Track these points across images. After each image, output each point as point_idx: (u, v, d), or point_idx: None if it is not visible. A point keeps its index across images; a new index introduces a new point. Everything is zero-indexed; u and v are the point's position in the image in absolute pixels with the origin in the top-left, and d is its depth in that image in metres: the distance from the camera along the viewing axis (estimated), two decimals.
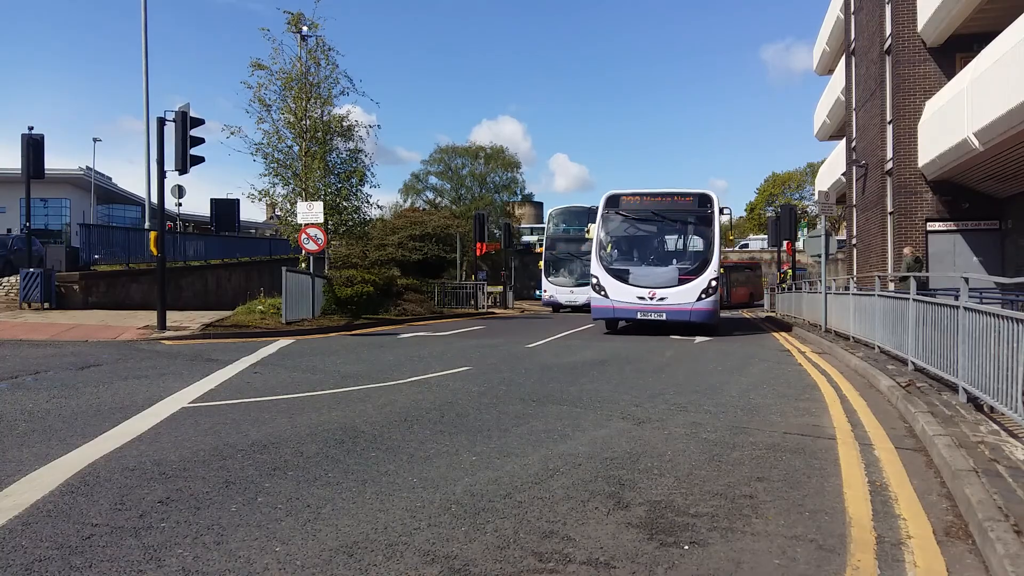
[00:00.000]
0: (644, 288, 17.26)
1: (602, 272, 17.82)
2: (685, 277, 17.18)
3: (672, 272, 17.43)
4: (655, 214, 18.27)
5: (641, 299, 17.24)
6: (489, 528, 3.95)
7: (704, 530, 3.96)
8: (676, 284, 17.15)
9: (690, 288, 17.03)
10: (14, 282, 19.18)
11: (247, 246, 32.62)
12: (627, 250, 18.56)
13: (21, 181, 19.97)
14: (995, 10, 16.07)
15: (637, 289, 17.33)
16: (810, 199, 68.97)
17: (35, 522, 3.97)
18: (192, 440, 5.87)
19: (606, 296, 17.67)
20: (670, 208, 18.25)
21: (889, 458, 5.60)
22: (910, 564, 3.56)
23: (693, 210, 18.14)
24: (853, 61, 25.30)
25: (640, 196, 18.46)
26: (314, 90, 21.66)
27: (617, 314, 17.83)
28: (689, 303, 16.98)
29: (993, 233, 18.64)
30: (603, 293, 17.72)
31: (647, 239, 18.61)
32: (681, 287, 17.10)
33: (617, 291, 17.56)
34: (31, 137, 19.30)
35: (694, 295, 16.99)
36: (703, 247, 18.00)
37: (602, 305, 17.84)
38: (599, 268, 17.88)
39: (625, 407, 7.62)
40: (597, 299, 17.89)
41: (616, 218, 18.45)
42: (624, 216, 18.42)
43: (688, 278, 17.14)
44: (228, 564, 3.44)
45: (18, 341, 13.09)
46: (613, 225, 18.43)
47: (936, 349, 8.24)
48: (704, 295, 16.98)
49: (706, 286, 17.01)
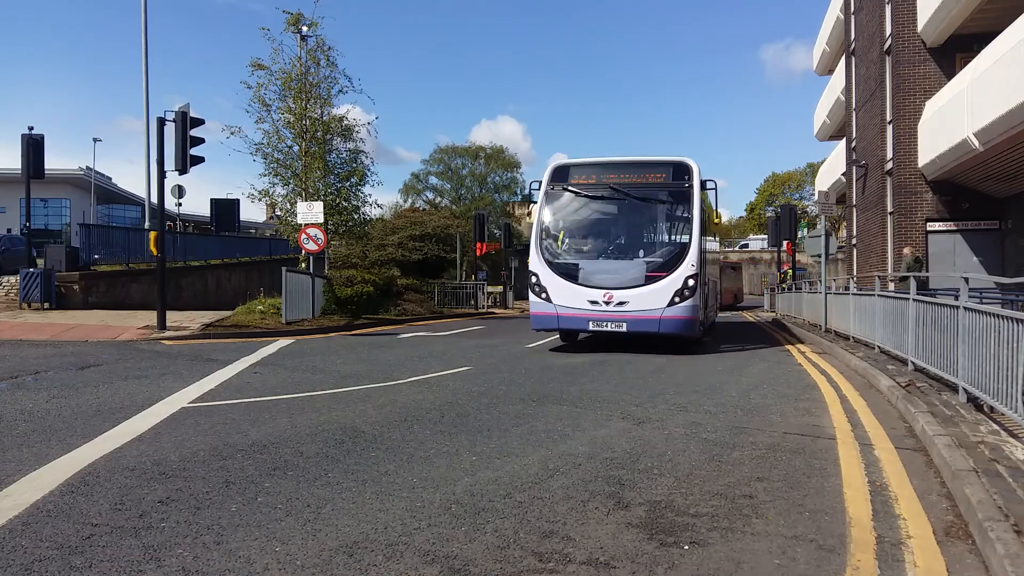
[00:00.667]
0: (598, 289, 13.03)
1: (543, 268, 13.57)
2: (654, 274, 12.93)
3: (636, 267, 13.21)
4: (615, 190, 13.73)
5: (594, 304, 12.98)
6: (489, 528, 3.95)
7: (704, 530, 3.96)
8: (642, 283, 12.93)
9: (660, 288, 12.80)
10: (14, 282, 19.18)
11: (247, 246, 32.62)
12: (577, 238, 14.20)
13: (21, 181, 19.98)
14: (995, 10, 16.07)
15: (589, 291, 13.08)
16: (810, 199, 68.99)
17: (35, 522, 3.97)
18: (192, 440, 5.87)
19: (547, 300, 13.37)
20: (636, 183, 13.78)
21: (889, 458, 5.59)
22: (910, 564, 3.55)
23: (666, 184, 13.73)
24: (853, 61, 25.30)
25: (596, 166, 14.23)
26: (314, 90, 21.68)
27: (563, 324, 13.44)
28: (658, 309, 12.72)
29: (993, 233, 18.64)
30: (544, 296, 13.43)
31: (603, 224, 14.21)
32: (648, 287, 12.88)
33: (562, 293, 13.25)
34: (31, 137, 19.30)
35: (665, 298, 12.74)
36: (679, 233, 13.58)
37: (542, 312, 13.47)
38: (539, 262, 13.63)
39: (625, 407, 7.62)
40: (536, 304, 13.55)
41: (564, 196, 14.09)
42: (575, 193, 14.02)
43: (658, 275, 12.89)
44: (228, 564, 3.44)
45: (18, 341, 13.09)
46: (559, 205, 14.10)
47: (936, 349, 8.24)
48: (679, 298, 12.72)
49: (681, 286, 12.74)
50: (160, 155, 15.06)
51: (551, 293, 13.34)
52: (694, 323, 13.15)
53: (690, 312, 12.88)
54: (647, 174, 13.92)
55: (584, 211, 14.24)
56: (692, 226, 13.23)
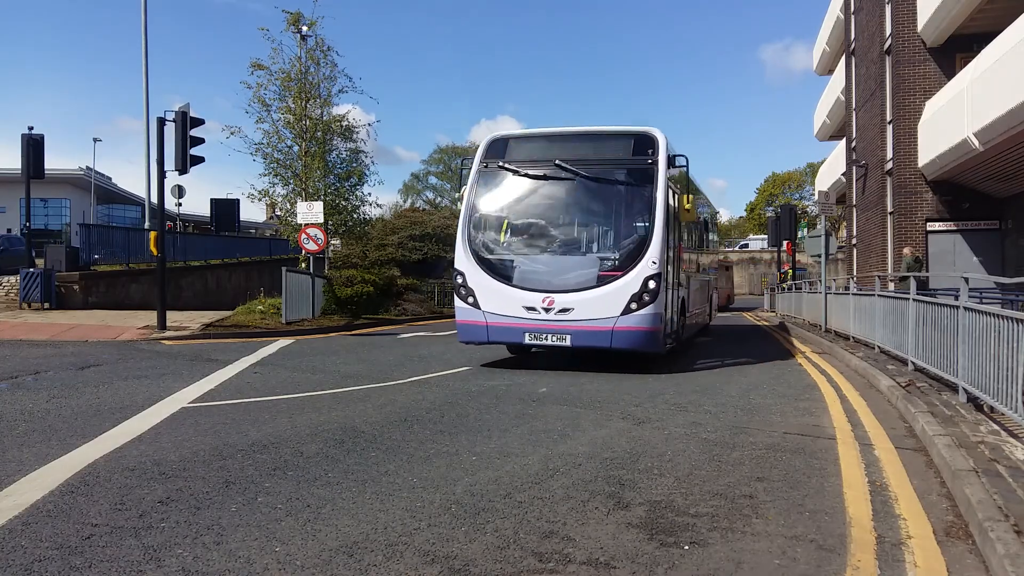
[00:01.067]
0: (537, 292, 10.35)
1: (470, 265, 10.82)
2: (607, 273, 10.29)
3: (584, 265, 10.59)
4: (562, 168, 10.90)
5: (531, 311, 10.30)
6: (489, 528, 3.95)
7: (704, 530, 3.96)
8: (591, 285, 10.27)
9: (613, 292, 10.13)
10: (14, 282, 19.18)
11: (247, 246, 32.63)
12: (513, 228, 11.32)
13: (21, 181, 19.99)
14: (995, 10, 16.07)
15: (525, 294, 10.38)
16: (810, 199, 69.03)
17: (35, 522, 3.97)
18: (192, 440, 5.87)
19: (475, 305, 10.67)
20: (587, 159, 11.04)
21: (889, 458, 5.60)
22: (910, 564, 3.55)
23: (625, 161, 11.00)
24: (853, 61, 25.30)
25: (540, 139, 11.64)
26: (313, 90, 21.68)
27: (493, 336, 10.65)
28: (610, 317, 10.06)
29: (993, 233, 18.64)
30: (470, 300, 10.73)
31: (546, 210, 11.26)
32: (598, 290, 10.21)
33: (492, 297, 10.56)
34: (31, 137, 19.30)
35: (619, 303, 10.07)
36: (640, 222, 10.66)
37: (468, 321, 10.77)
38: (466, 259, 10.89)
39: (625, 407, 7.62)
40: (462, 310, 10.88)
41: (500, 176, 11.32)
42: (513, 172, 11.21)
43: (611, 275, 10.24)
44: (228, 564, 3.44)
45: (18, 341, 13.09)
46: (493, 187, 11.36)
47: (936, 349, 8.24)
48: (636, 304, 10.04)
49: (640, 288, 10.05)
50: (160, 155, 15.06)
51: (479, 297, 10.63)
52: (655, 336, 10.26)
53: (650, 322, 10.10)
54: (602, 148, 11.22)
55: (523, 194, 11.29)
56: (655, 213, 10.36)
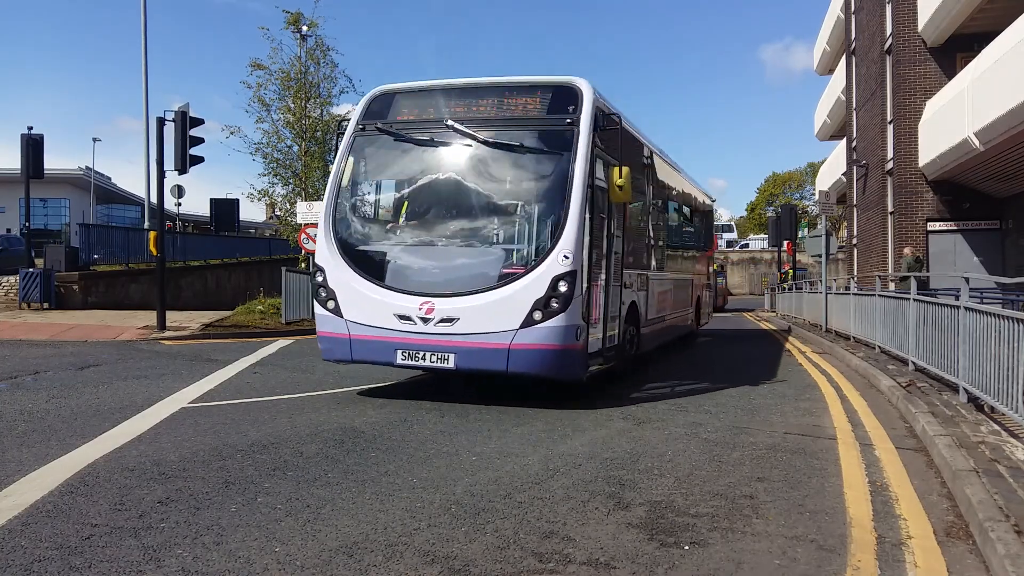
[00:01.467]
0: (413, 295, 7.66)
1: (333, 258, 8.12)
2: (507, 271, 7.64)
3: (477, 259, 7.94)
4: (457, 130, 8.15)
5: (406, 320, 7.58)
6: (489, 528, 3.95)
7: (704, 530, 3.96)
8: (484, 287, 7.57)
9: (512, 296, 7.42)
10: (13, 282, 19.18)
11: (247, 246, 32.62)
12: (389, 209, 8.82)
13: (21, 181, 19.98)
14: (995, 10, 16.06)
15: (398, 298, 7.69)
16: (810, 199, 69.01)
17: (35, 522, 3.96)
18: (192, 440, 5.86)
19: (336, 312, 7.95)
20: (490, 116, 8.31)
21: (890, 458, 5.59)
22: (910, 564, 3.55)
23: (535, 121, 8.22)
24: (853, 61, 25.30)
25: (433, 92, 8.64)
26: (313, 90, 21.68)
27: (357, 353, 7.91)
28: (507, 331, 7.36)
29: (993, 233, 18.64)
30: (331, 305, 8.00)
31: (432, 185, 8.48)
32: (493, 294, 7.50)
33: (357, 301, 7.87)
34: (30, 137, 19.29)
35: (519, 312, 7.35)
36: (550, 202, 7.86)
37: (329, 333, 8.03)
38: (328, 249, 8.18)
39: (625, 407, 7.61)
40: (322, 319, 8.11)
41: (379, 141, 8.65)
42: (395, 135, 8.52)
43: (511, 272, 7.59)
44: (228, 564, 3.43)
45: (18, 341, 13.09)
46: (370, 156, 8.72)
47: (937, 349, 8.24)
48: (541, 313, 7.31)
49: (546, 292, 7.31)
50: (160, 155, 15.05)
51: (342, 301, 7.84)
52: (569, 356, 7.42)
53: (560, 336, 7.26)
54: (509, 105, 8.28)
55: (405, 165, 8.62)
56: (571, 190, 7.49)
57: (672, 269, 12.97)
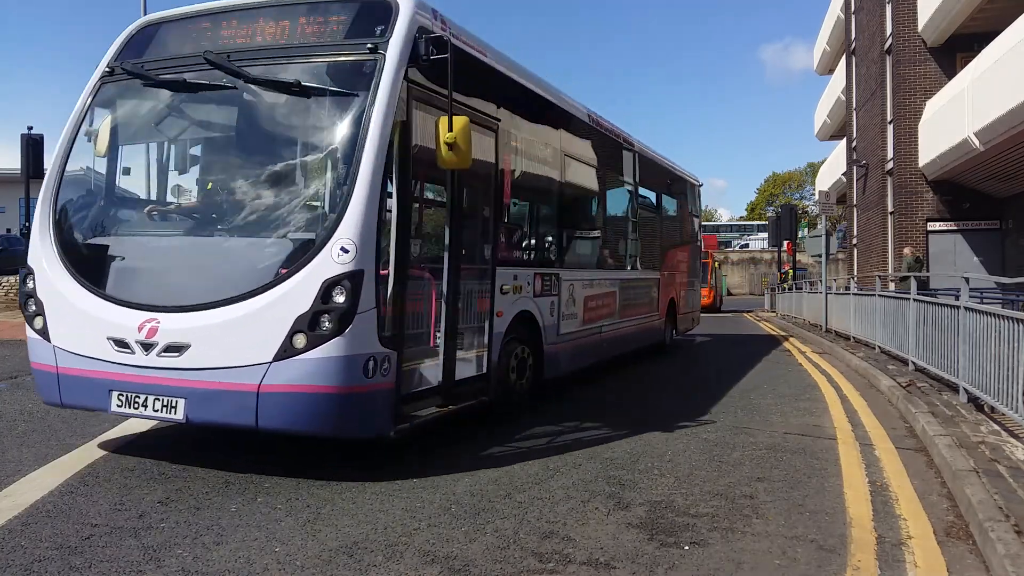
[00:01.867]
0: (133, 309, 4.99)
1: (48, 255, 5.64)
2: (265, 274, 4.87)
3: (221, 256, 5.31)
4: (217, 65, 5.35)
5: (122, 347, 4.92)
6: (489, 528, 3.95)
7: (704, 530, 3.96)
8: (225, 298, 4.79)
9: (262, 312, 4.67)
10: (13, 282, 19.17)
11: None
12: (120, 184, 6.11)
13: (20, 181, 19.94)
14: (995, 10, 16.06)
15: (114, 311, 5.05)
16: (810, 199, 69.02)
17: (35, 522, 3.96)
18: (192, 439, 5.86)
19: (43, 334, 5.45)
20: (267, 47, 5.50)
21: (890, 458, 5.59)
22: (910, 564, 3.55)
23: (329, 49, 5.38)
24: (853, 61, 25.30)
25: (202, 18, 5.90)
26: None
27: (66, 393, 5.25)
28: (255, 365, 4.63)
29: (993, 233, 18.64)
30: (38, 324, 5.52)
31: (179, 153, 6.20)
32: (236, 308, 4.73)
33: (66, 318, 5.31)
34: (30, 137, 19.23)
35: (273, 337, 4.61)
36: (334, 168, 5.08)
37: (39, 364, 5.50)
38: (42, 244, 5.72)
39: (625, 407, 7.61)
40: (32, 344, 5.62)
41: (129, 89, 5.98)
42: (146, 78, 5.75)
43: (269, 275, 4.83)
44: (228, 564, 3.43)
45: (18, 341, 13.07)
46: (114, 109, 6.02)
47: (937, 349, 8.24)
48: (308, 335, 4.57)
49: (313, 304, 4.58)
50: None
51: (50, 318, 5.47)
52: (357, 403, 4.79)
53: (339, 374, 4.64)
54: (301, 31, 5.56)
55: (151, 121, 6.11)
56: (362, 148, 4.89)
57: (616, 265, 10.38)
